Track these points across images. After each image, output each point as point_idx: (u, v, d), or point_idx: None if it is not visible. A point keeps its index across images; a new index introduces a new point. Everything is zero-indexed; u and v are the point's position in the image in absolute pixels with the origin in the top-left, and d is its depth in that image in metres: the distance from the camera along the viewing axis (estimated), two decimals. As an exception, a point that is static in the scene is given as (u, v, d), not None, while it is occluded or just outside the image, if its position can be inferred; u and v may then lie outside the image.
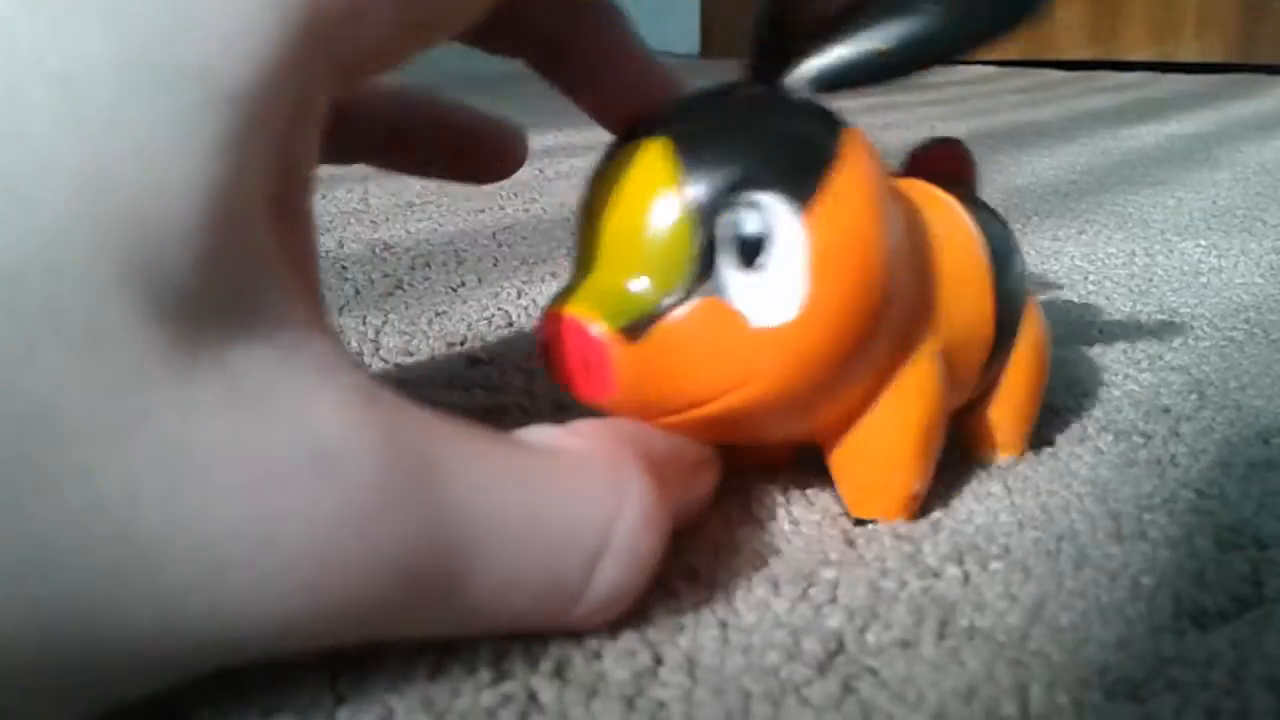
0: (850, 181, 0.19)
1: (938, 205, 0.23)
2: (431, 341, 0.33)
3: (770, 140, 0.19)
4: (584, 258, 0.20)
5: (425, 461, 0.15)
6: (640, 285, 0.18)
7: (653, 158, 0.19)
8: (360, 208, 0.54)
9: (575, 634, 0.18)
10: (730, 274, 0.18)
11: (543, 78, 0.23)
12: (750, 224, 0.18)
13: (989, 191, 0.61)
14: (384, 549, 0.14)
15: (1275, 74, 1.47)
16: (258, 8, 0.13)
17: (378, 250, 0.46)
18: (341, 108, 0.19)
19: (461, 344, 0.33)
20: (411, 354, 0.32)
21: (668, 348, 0.18)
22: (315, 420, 0.14)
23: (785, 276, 0.18)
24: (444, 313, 0.37)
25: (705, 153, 0.18)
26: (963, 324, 0.22)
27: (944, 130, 0.90)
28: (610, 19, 0.23)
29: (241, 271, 0.14)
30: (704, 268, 0.18)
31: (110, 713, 0.14)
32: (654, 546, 0.17)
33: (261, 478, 0.13)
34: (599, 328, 0.18)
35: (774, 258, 0.18)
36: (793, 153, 0.19)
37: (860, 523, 0.22)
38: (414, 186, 0.61)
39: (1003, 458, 0.25)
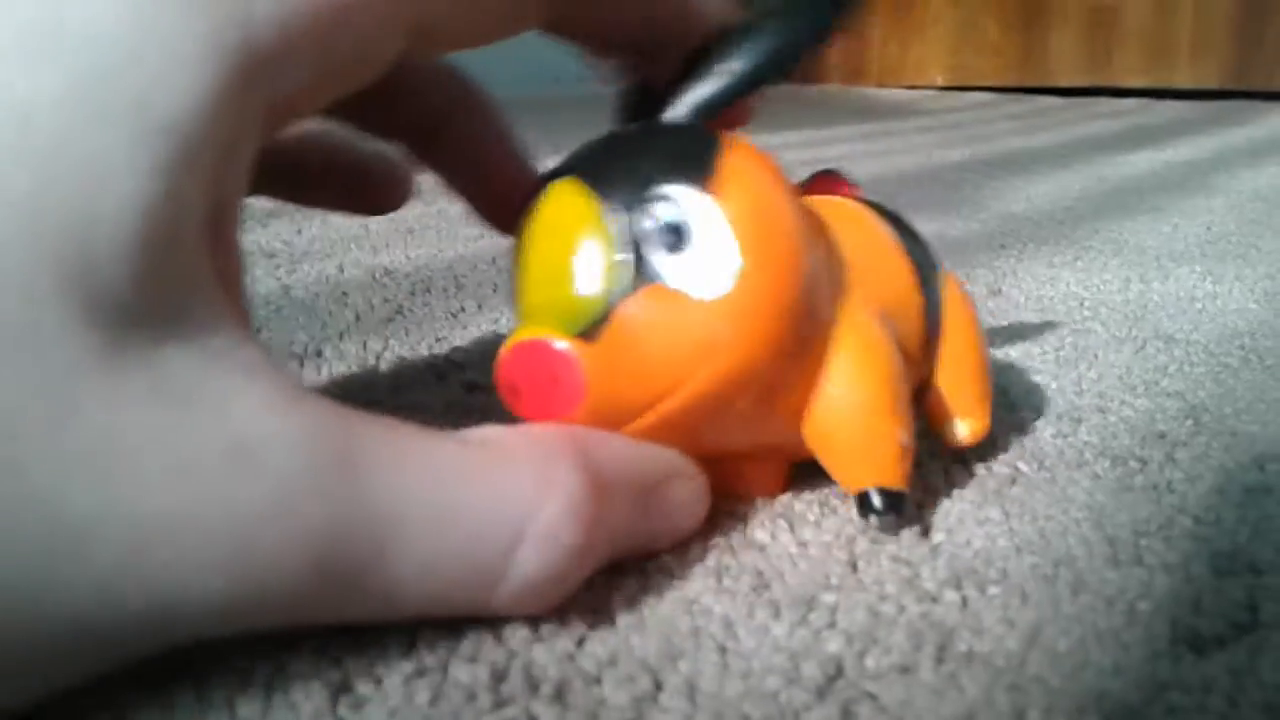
0: (738, 158, 0.20)
1: (828, 201, 0.25)
2: (431, 367, 0.33)
3: (659, 147, 0.21)
4: (523, 301, 0.21)
5: (345, 454, 0.16)
6: (583, 296, 0.20)
7: (563, 192, 0.20)
8: (360, 233, 0.54)
9: (573, 658, 0.18)
10: (661, 261, 0.19)
11: (421, 162, 0.26)
12: (664, 211, 0.20)
13: (984, 217, 0.62)
14: (300, 535, 0.15)
15: (1270, 101, 1.48)
16: (193, 50, 0.15)
17: (378, 276, 0.46)
18: None
19: (461, 370, 0.33)
20: (411, 380, 0.32)
21: (624, 339, 0.19)
22: (238, 415, 0.15)
23: (712, 248, 0.19)
24: (443, 338, 0.37)
25: (607, 172, 0.20)
26: (889, 290, 0.24)
27: (939, 157, 0.91)
28: (485, 112, 0.25)
29: (172, 285, 0.15)
30: (636, 263, 0.19)
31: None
32: (578, 537, 0.18)
33: (184, 465, 0.14)
34: (557, 339, 0.19)
35: (695, 235, 0.19)
36: (680, 149, 0.21)
37: (864, 504, 0.21)
38: (413, 212, 0.61)
39: (970, 431, 0.25)
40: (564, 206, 0.20)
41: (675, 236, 0.19)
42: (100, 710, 0.16)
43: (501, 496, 0.17)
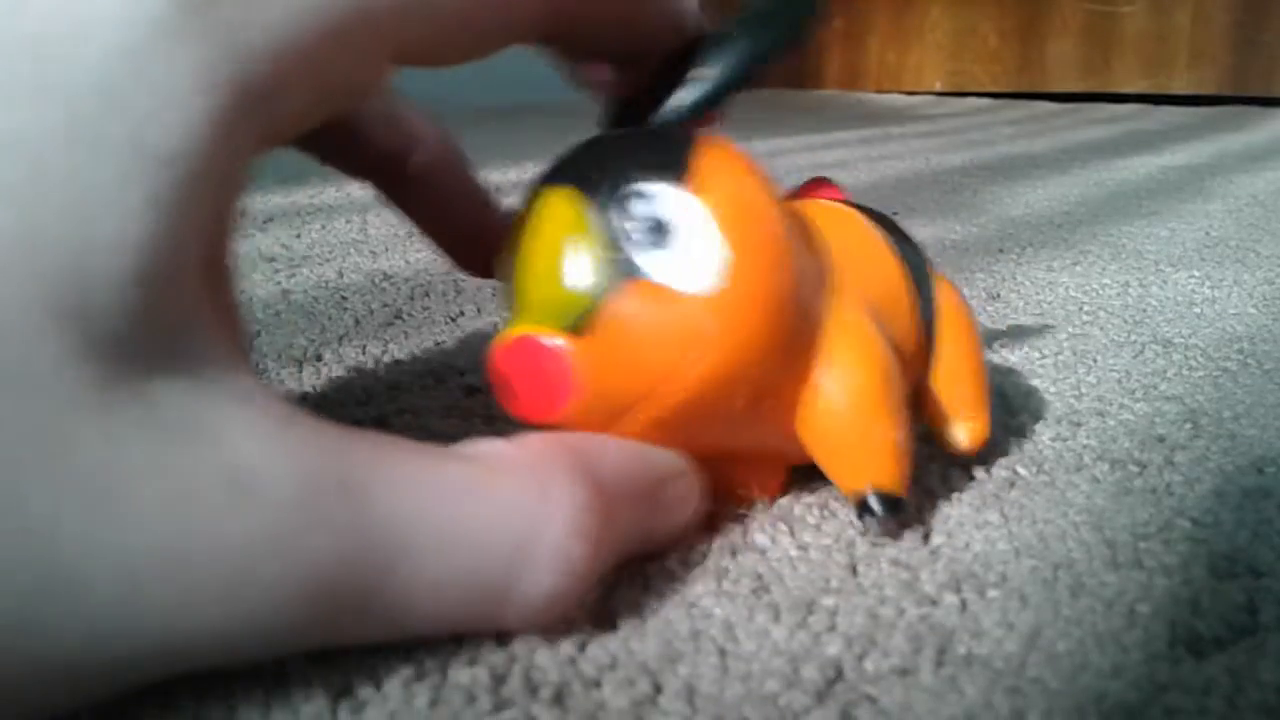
0: (715, 156, 0.21)
1: (816, 204, 0.25)
2: (431, 371, 0.33)
3: (633, 147, 0.21)
4: (514, 301, 0.21)
5: (342, 478, 0.16)
6: (569, 293, 0.20)
7: (549, 195, 0.21)
8: (359, 238, 0.54)
9: (573, 661, 0.18)
10: (644, 257, 0.20)
11: (387, 200, 0.26)
12: (642, 208, 0.20)
13: (983, 221, 0.62)
14: (300, 564, 0.15)
15: (1266, 106, 1.49)
16: (188, 83, 0.15)
17: (377, 280, 0.46)
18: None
19: (461, 374, 0.33)
20: (411, 384, 0.32)
21: (613, 334, 0.20)
22: (232, 444, 0.15)
23: (695, 243, 0.20)
24: (442, 342, 0.37)
25: (590, 174, 0.21)
26: (880, 290, 0.24)
27: (938, 162, 0.91)
28: (444, 151, 0.26)
29: (167, 317, 0.15)
30: (620, 259, 0.20)
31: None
32: (584, 551, 0.18)
33: (178, 498, 0.14)
34: (545, 334, 0.20)
35: (677, 230, 0.20)
36: (653, 149, 0.21)
37: (864, 508, 0.21)
38: (413, 217, 0.61)
39: (970, 437, 0.25)
40: (550, 208, 0.21)
41: (657, 232, 0.20)
42: (96, 715, 0.16)
43: (506, 515, 0.17)
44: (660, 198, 0.20)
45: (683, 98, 0.22)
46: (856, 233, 0.25)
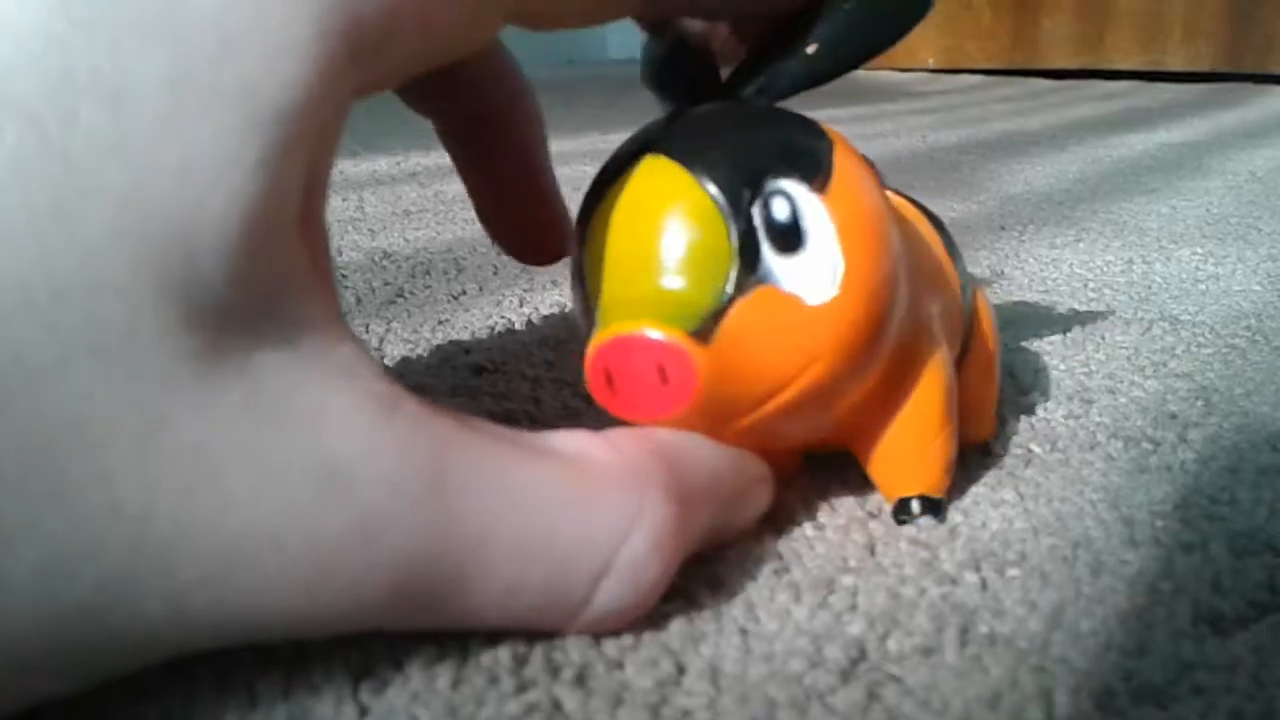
0: (849, 164, 0.20)
1: (898, 202, 0.24)
2: (435, 350, 0.33)
3: (772, 136, 0.20)
4: (612, 285, 0.19)
5: (438, 474, 0.15)
6: (691, 291, 0.18)
7: (659, 173, 0.19)
8: (357, 215, 0.54)
9: (596, 642, 0.17)
10: (775, 262, 0.19)
11: (445, 144, 0.25)
12: (781, 210, 0.19)
13: (983, 198, 0.62)
14: (386, 559, 0.15)
15: (1262, 83, 1.48)
16: (301, 32, 0.14)
17: (377, 259, 0.45)
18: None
19: (466, 352, 0.33)
20: (416, 362, 0.32)
21: (737, 342, 0.18)
22: (329, 431, 0.14)
23: (823, 254, 0.19)
24: (446, 321, 0.37)
25: (713, 155, 0.19)
26: (946, 293, 0.23)
27: (934, 140, 0.91)
28: (531, 118, 0.24)
29: (271, 282, 0.14)
30: (749, 261, 0.19)
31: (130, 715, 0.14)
32: (659, 574, 0.17)
33: (272, 485, 0.14)
34: (670, 335, 0.18)
35: (809, 239, 0.19)
36: (797, 144, 0.20)
37: (902, 506, 0.22)
38: (410, 195, 0.61)
39: (975, 435, 0.25)
40: (664, 190, 0.19)
41: (791, 236, 0.19)
42: (120, 688, 0.15)
43: (590, 527, 0.17)
44: (802, 202, 0.19)
45: (786, 72, 0.20)
46: (927, 237, 0.24)
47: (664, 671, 0.17)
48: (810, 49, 0.20)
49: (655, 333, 0.18)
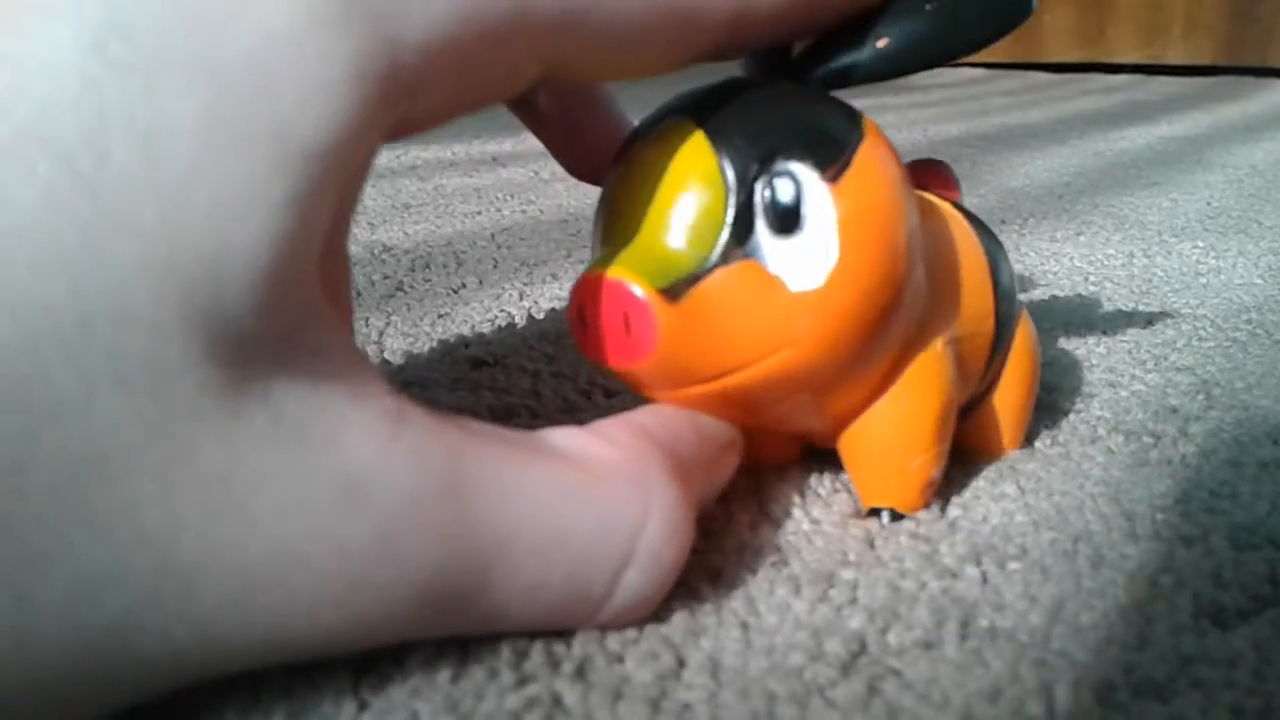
0: (874, 159, 0.20)
1: (939, 209, 0.24)
2: (435, 343, 0.33)
3: (798, 118, 0.20)
4: (615, 230, 0.20)
5: (453, 480, 0.16)
6: (678, 251, 0.19)
7: (683, 137, 0.19)
8: (356, 209, 0.54)
9: (596, 635, 0.17)
10: (766, 240, 0.19)
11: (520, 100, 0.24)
12: (785, 191, 0.19)
13: (984, 192, 0.62)
14: (410, 566, 0.15)
15: (1262, 76, 1.48)
16: (338, 72, 0.14)
17: (376, 252, 0.45)
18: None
19: (465, 346, 0.33)
20: (416, 356, 0.32)
21: (707, 309, 0.18)
22: (347, 448, 0.15)
23: (818, 243, 0.19)
24: (446, 314, 0.37)
25: (735, 128, 0.19)
26: (970, 318, 0.23)
27: (935, 132, 0.91)
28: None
29: (295, 314, 0.14)
30: (740, 234, 0.19)
31: (132, 713, 0.14)
32: (677, 556, 0.18)
33: (295, 504, 0.14)
34: (641, 287, 0.18)
35: (807, 225, 0.19)
36: (821, 129, 0.19)
37: (873, 512, 0.22)
38: (410, 188, 0.61)
39: (1006, 453, 0.25)
40: (680, 151, 0.19)
41: (789, 219, 0.19)
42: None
43: (606, 521, 0.17)
44: (808, 186, 0.19)
45: (853, 63, 0.20)
46: (962, 246, 0.23)
47: (664, 665, 0.17)
48: (881, 43, 0.20)
49: (627, 282, 0.18)
